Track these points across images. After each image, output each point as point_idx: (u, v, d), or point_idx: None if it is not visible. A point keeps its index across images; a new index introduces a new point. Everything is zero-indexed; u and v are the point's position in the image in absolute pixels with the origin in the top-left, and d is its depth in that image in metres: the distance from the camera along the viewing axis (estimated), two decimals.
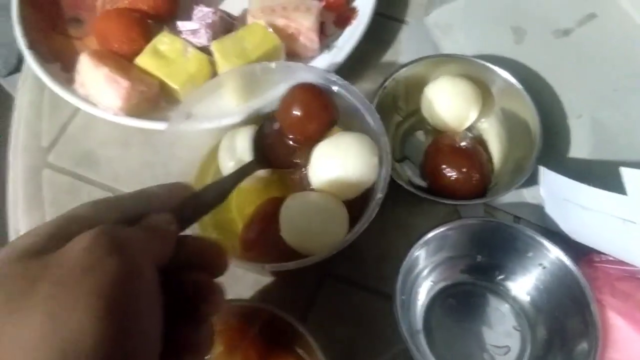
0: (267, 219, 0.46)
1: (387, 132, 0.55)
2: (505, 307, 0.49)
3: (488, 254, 0.48)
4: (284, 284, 0.51)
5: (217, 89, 0.50)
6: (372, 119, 0.46)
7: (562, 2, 0.60)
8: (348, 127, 0.49)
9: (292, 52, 0.59)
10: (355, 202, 0.46)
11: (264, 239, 0.45)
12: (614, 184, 0.49)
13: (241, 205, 0.50)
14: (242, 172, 0.41)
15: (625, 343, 0.42)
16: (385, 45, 0.62)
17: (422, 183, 0.54)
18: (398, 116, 0.57)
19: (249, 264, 0.42)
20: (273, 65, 0.48)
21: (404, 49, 0.61)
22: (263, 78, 0.50)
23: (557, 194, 0.46)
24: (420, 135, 0.57)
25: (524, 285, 0.48)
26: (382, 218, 0.51)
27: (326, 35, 0.61)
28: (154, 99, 0.54)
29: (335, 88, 0.48)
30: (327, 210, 0.44)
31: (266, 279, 0.51)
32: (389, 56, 0.62)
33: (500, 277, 0.49)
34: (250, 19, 0.56)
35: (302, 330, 0.41)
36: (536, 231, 0.45)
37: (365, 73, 0.61)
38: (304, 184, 0.47)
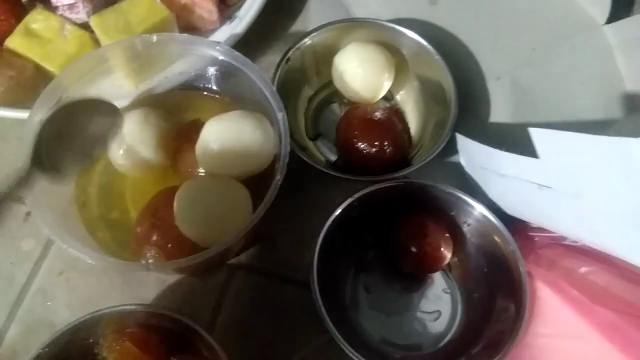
0: (159, 210, 0.41)
1: (297, 109, 0.51)
2: None
3: None
4: (190, 282, 0.46)
5: (97, 66, 0.44)
6: (269, 95, 0.41)
7: None
8: (245, 105, 0.44)
9: (190, 26, 0.53)
10: (259, 184, 0.41)
11: (158, 232, 0.40)
12: (533, 148, 0.47)
13: (137, 199, 0.45)
14: None
15: (551, 315, 0.39)
16: (293, 14, 0.57)
17: (339, 160, 0.50)
18: (309, 89, 0.52)
19: (132, 263, 0.37)
20: (154, 38, 0.42)
21: (314, 17, 0.56)
22: (152, 53, 0.44)
23: (475, 162, 0.43)
24: (335, 108, 0.53)
25: None
26: (296, 201, 0.48)
27: (228, 5, 0.55)
28: (28, 84, 0.47)
29: (230, 62, 0.43)
30: (224, 195, 0.39)
31: (171, 278, 0.46)
32: (297, 25, 0.57)
33: None
34: None
35: (208, 339, 0.37)
36: (458, 189, 0.43)
37: (274, 45, 0.56)
38: (196, 169, 0.42)
